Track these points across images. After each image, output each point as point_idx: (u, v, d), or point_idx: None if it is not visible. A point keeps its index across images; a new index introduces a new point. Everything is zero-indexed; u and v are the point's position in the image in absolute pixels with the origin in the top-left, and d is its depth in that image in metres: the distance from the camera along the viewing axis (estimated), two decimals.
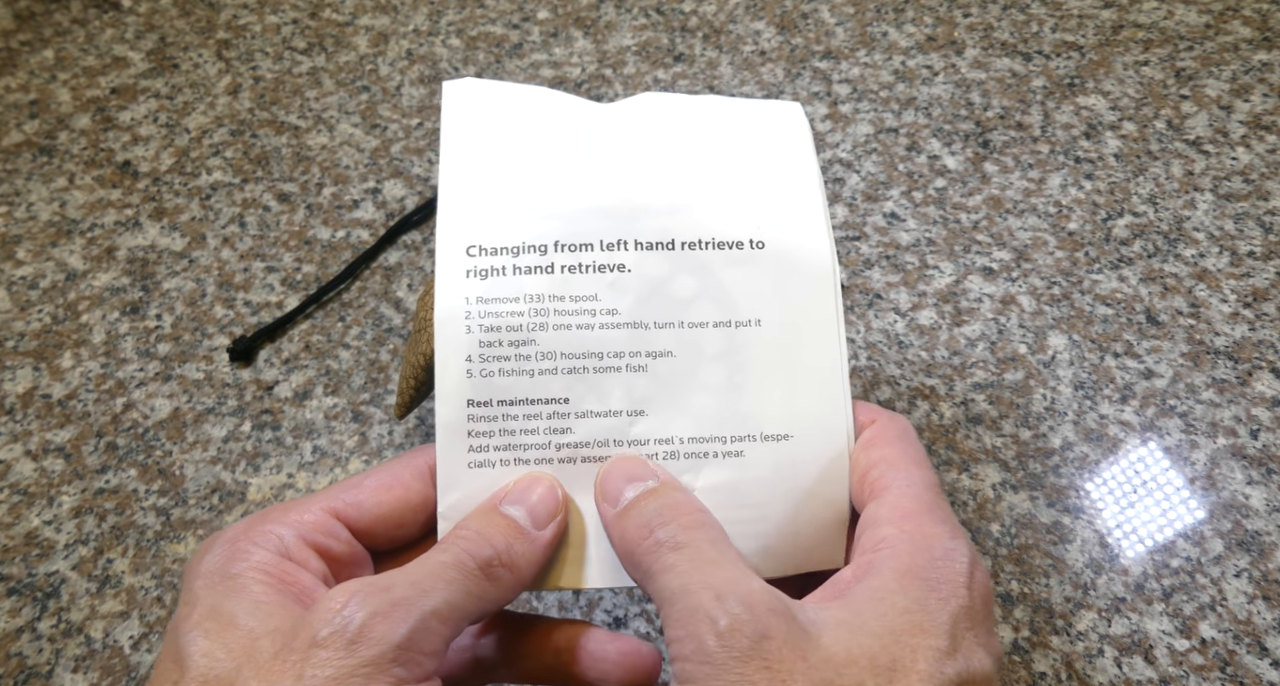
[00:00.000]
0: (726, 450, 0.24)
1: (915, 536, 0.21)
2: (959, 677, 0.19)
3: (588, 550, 0.24)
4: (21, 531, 0.38)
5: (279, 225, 0.48)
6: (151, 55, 0.56)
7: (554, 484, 0.24)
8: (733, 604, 0.19)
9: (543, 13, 0.57)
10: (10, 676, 0.35)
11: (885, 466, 0.23)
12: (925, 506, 0.22)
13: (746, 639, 0.18)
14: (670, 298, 0.25)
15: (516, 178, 0.26)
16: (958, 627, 0.20)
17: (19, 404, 0.42)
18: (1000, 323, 0.42)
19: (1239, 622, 0.34)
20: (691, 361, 0.25)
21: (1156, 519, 0.36)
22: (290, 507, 0.23)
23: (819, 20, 0.55)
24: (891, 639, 0.19)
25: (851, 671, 0.18)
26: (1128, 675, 0.33)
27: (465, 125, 0.26)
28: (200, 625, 0.20)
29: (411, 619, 0.19)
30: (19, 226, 0.48)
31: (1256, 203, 0.45)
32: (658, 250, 0.25)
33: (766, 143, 0.27)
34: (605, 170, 0.26)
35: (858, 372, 0.41)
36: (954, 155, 0.48)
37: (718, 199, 0.26)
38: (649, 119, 0.27)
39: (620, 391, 0.24)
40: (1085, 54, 0.52)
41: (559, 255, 0.25)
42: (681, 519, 0.22)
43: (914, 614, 0.19)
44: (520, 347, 0.24)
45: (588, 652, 0.24)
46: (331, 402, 0.41)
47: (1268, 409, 0.38)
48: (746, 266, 0.25)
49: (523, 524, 0.23)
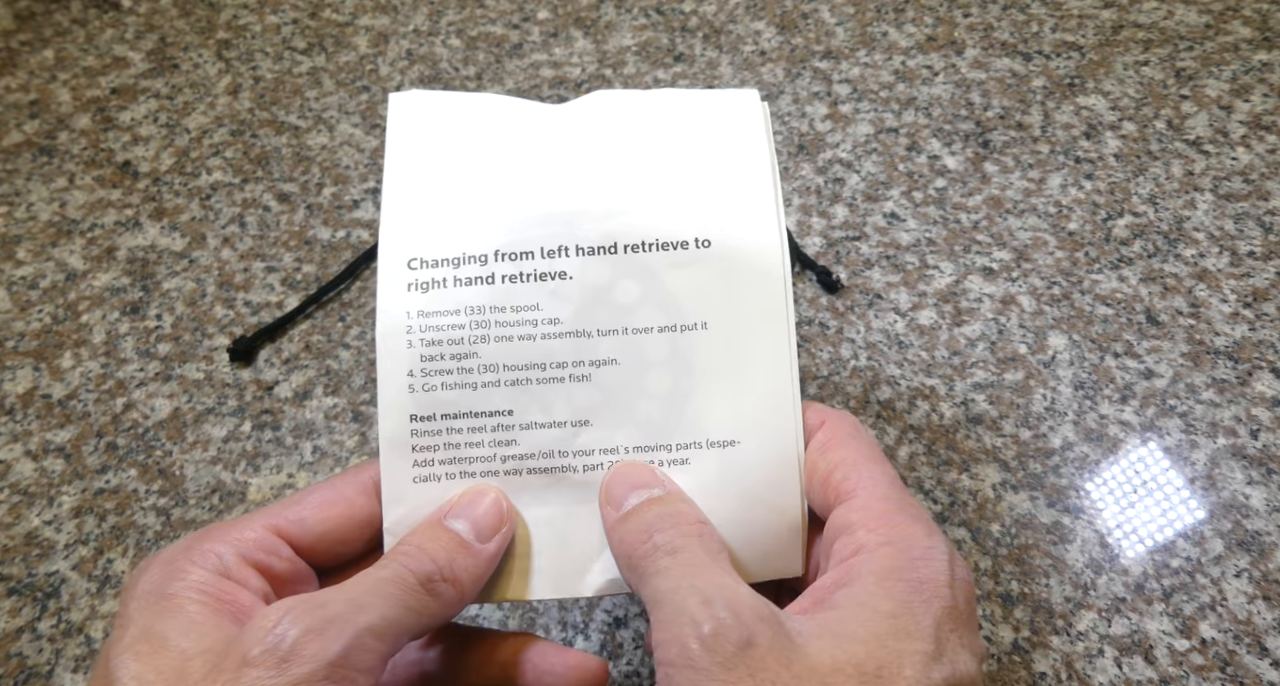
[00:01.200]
0: (672, 458, 0.24)
1: (892, 538, 0.21)
2: (945, 682, 0.19)
3: (534, 561, 0.24)
4: (21, 531, 0.38)
5: (279, 225, 0.48)
6: (151, 55, 0.56)
7: (499, 496, 0.24)
8: (719, 608, 0.19)
9: (543, 13, 0.57)
10: (10, 676, 0.35)
11: (847, 468, 0.23)
12: (896, 505, 0.21)
13: (731, 645, 0.18)
14: (613, 304, 0.24)
15: (459, 189, 0.25)
16: (942, 629, 0.19)
17: (19, 404, 0.42)
18: (1000, 323, 0.42)
19: (1239, 622, 0.34)
20: (636, 368, 0.24)
21: (1156, 519, 0.36)
22: (230, 526, 0.23)
23: (819, 20, 0.55)
24: (877, 644, 0.19)
25: (837, 679, 0.18)
26: (1128, 675, 0.33)
27: (410, 137, 0.26)
28: (131, 648, 0.19)
29: (345, 636, 0.19)
30: (19, 226, 0.48)
31: (1256, 203, 0.45)
32: (600, 255, 0.24)
33: (717, 135, 0.26)
34: (550, 176, 0.26)
35: (858, 373, 0.41)
36: (954, 155, 0.48)
37: (663, 198, 0.25)
38: (598, 119, 0.27)
39: (564, 402, 0.24)
40: (1085, 54, 0.52)
41: (500, 265, 0.24)
42: (682, 526, 0.22)
43: (899, 618, 0.19)
44: (462, 361, 0.24)
45: (533, 666, 0.24)
46: (331, 402, 0.41)
47: (1268, 409, 0.38)
48: (692, 267, 0.24)
49: (466, 537, 0.23)
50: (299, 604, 0.19)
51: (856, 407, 0.40)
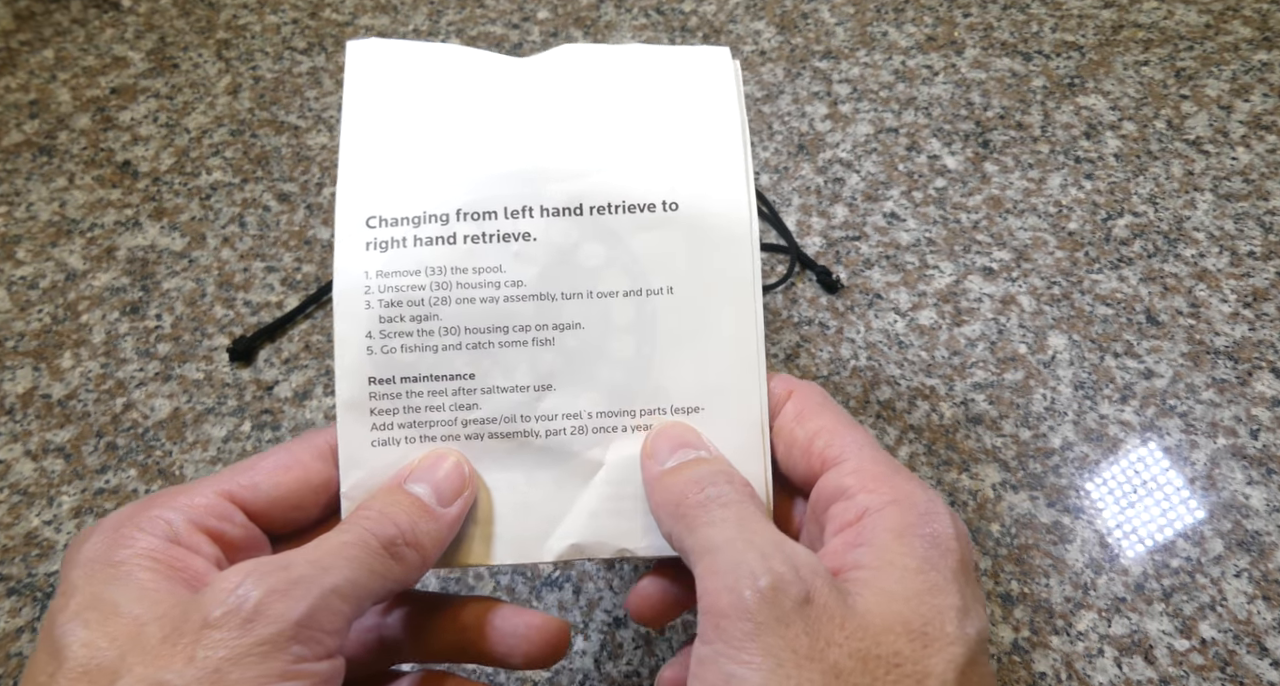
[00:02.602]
0: (636, 424, 0.24)
1: (896, 496, 0.21)
2: (978, 635, 0.19)
3: (495, 527, 0.24)
4: (21, 531, 0.38)
5: (279, 225, 0.48)
6: (151, 55, 0.56)
7: (460, 460, 0.24)
8: (778, 562, 0.19)
9: (543, 13, 0.57)
10: (10, 676, 0.35)
11: (829, 435, 0.23)
12: (889, 467, 0.21)
13: (790, 600, 0.18)
14: (578, 267, 0.24)
15: (421, 144, 0.25)
16: (960, 582, 0.19)
17: (19, 404, 0.42)
18: (1000, 323, 0.42)
19: (1239, 622, 0.34)
20: (600, 333, 0.24)
21: (1156, 519, 0.36)
22: (179, 491, 0.22)
23: (819, 20, 0.55)
24: (918, 601, 0.19)
25: (888, 638, 0.18)
26: (1128, 675, 0.33)
27: (368, 89, 0.25)
28: (79, 615, 0.19)
29: (311, 596, 0.19)
30: (19, 226, 0.48)
31: (1256, 203, 0.45)
32: (565, 216, 0.24)
33: (687, 94, 0.25)
34: (515, 132, 0.25)
35: (858, 372, 0.41)
36: (954, 155, 0.48)
37: (630, 158, 0.24)
38: (566, 74, 0.26)
39: (526, 366, 0.24)
40: (1085, 54, 0.52)
41: (461, 224, 0.24)
42: (736, 485, 0.22)
43: (926, 573, 0.19)
44: (422, 323, 0.24)
45: (494, 628, 0.24)
46: (331, 403, 0.41)
47: (1268, 409, 0.38)
48: (658, 230, 0.24)
49: (427, 501, 0.22)
50: (260, 565, 0.19)
51: (856, 407, 0.40)
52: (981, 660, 0.19)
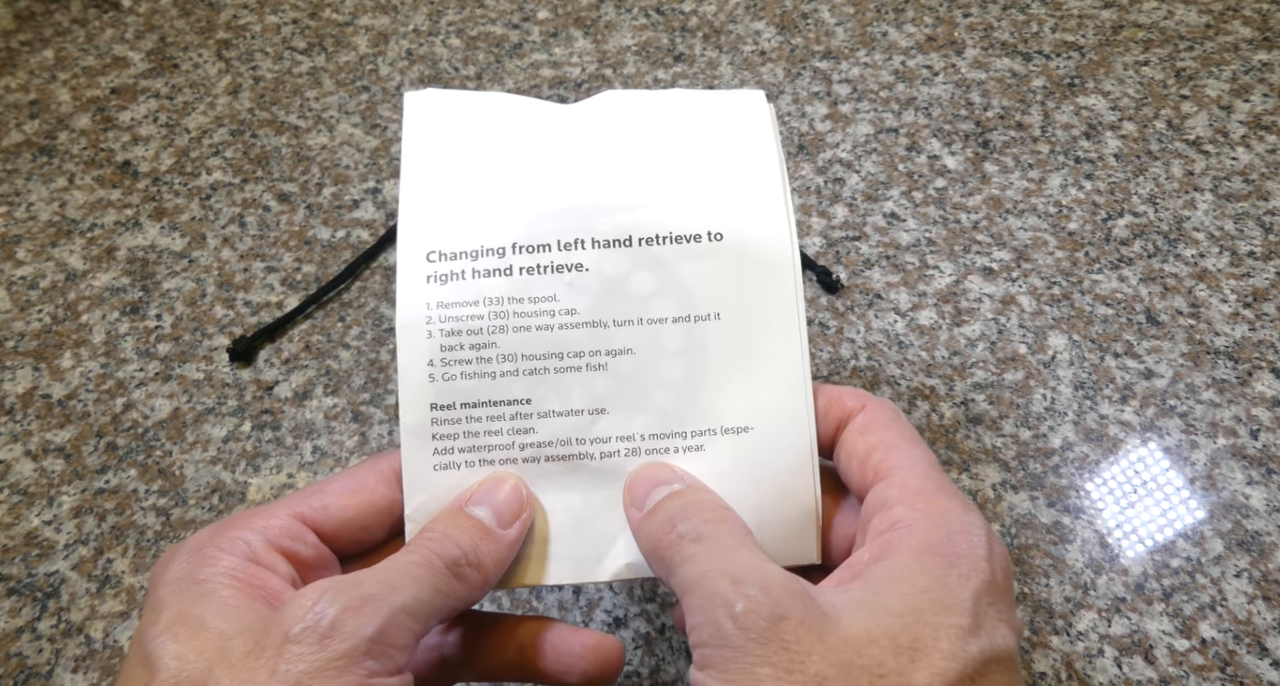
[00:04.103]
0: (687, 444, 0.24)
1: (930, 513, 0.21)
2: (982, 656, 0.19)
3: (551, 547, 0.25)
4: (21, 531, 0.38)
5: (279, 225, 0.48)
6: (151, 55, 0.56)
7: (518, 483, 0.24)
8: (749, 587, 0.19)
9: (543, 12, 0.57)
10: (10, 676, 0.35)
11: (886, 449, 0.23)
12: (935, 485, 0.22)
13: (763, 620, 0.18)
14: (629, 295, 0.25)
15: (476, 184, 0.26)
16: (980, 604, 0.19)
17: (19, 404, 0.42)
18: (1000, 322, 0.42)
19: (1239, 622, 0.34)
20: (651, 358, 0.25)
21: (1156, 519, 0.36)
22: (256, 513, 0.23)
23: (819, 20, 0.55)
24: (913, 618, 0.19)
25: (871, 651, 0.18)
26: (1128, 675, 0.33)
27: (426, 135, 0.27)
28: (169, 630, 0.20)
29: (382, 613, 0.19)
30: (19, 226, 0.48)
31: (1256, 203, 0.45)
32: (615, 248, 0.25)
33: (726, 133, 0.27)
34: (563, 171, 0.26)
35: (858, 373, 0.41)
36: (954, 155, 0.48)
37: (675, 193, 0.26)
38: (609, 117, 0.27)
39: (581, 390, 0.25)
40: (1085, 54, 0.52)
41: (517, 257, 0.25)
42: (704, 513, 0.22)
43: (935, 591, 0.19)
44: (481, 350, 0.25)
45: (552, 647, 0.24)
46: (331, 403, 0.41)
47: (1268, 409, 0.38)
48: (705, 259, 0.25)
49: (488, 524, 0.23)
50: (335, 584, 0.20)
51: None
52: (991, 680, 0.19)
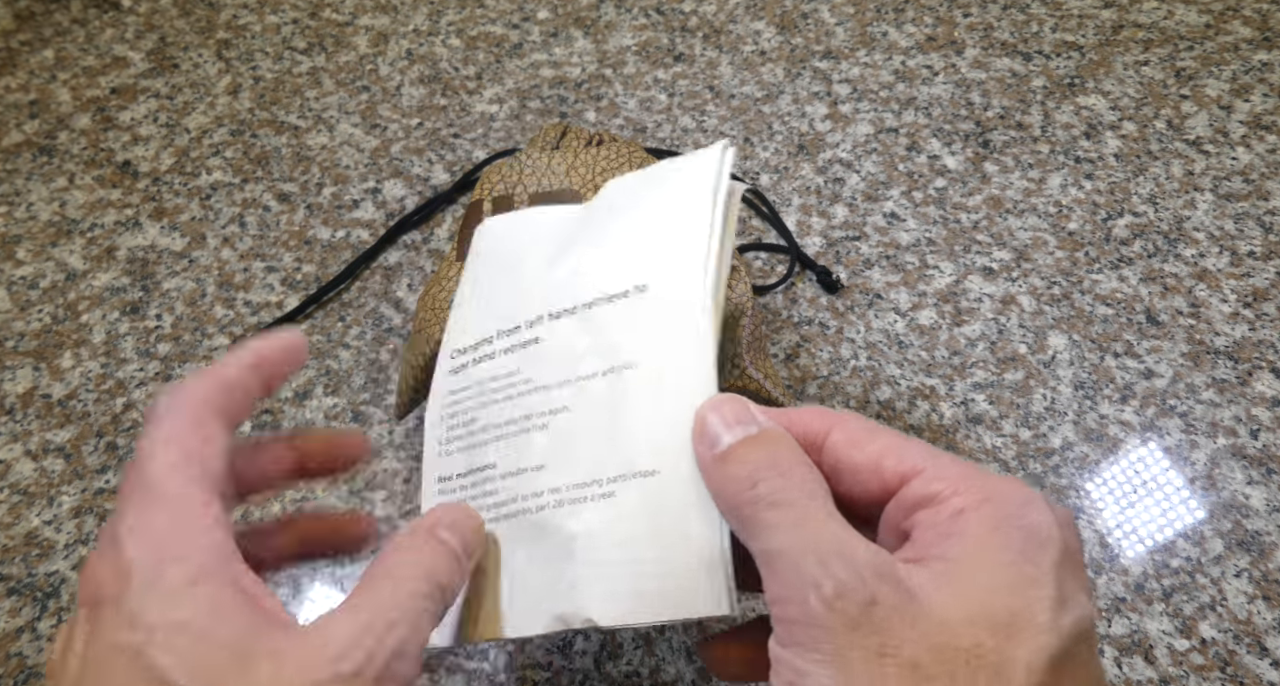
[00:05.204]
0: (602, 491, 0.24)
1: (989, 494, 0.20)
2: (1075, 626, 0.18)
3: (502, 603, 0.25)
4: (21, 531, 0.38)
5: (279, 225, 0.48)
6: (151, 55, 0.56)
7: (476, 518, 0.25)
8: (837, 567, 0.18)
9: (543, 12, 0.57)
10: (10, 676, 0.35)
11: (895, 452, 0.22)
12: (974, 470, 0.21)
13: (855, 606, 0.18)
14: (569, 356, 0.26)
15: (491, 287, 0.30)
16: (1062, 573, 0.19)
17: (19, 404, 0.42)
18: (1000, 322, 0.42)
19: (1239, 622, 0.34)
20: (584, 412, 0.25)
21: (1156, 519, 0.36)
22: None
23: (819, 20, 0.55)
24: (1006, 593, 0.18)
25: (969, 631, 0.18)
26: (1128, 675, 0.33)
27: (477, 258, 0.32)
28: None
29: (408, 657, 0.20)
30: (19, 226, 0.48)
31: (1256, 203, 0.45)
32: (563, 317, 0.27)
33: (672, 192, 0.27)
34: (544, 261, 0.29)
35: (858, 372, 0.41)
36: (954, 155, 0.48)
37: (615, 256, 0.27)
38: (597, 204, 0.30)
39: (528, 450, 0.26)
40: (1085, 54, 0.52)
41: (499, 341, 0.28)
42: (785, 473, 0.21)
43: (1020, 565, 0.19)
44: (469, 425, 0.28)
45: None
46: (331, 402, 0.41)
47: (1268, 409, 0.38)
48: (629, 311, 0.26)
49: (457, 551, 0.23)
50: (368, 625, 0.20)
51: (857, 407, 0.40)
52: (1081, 653, 0.18)
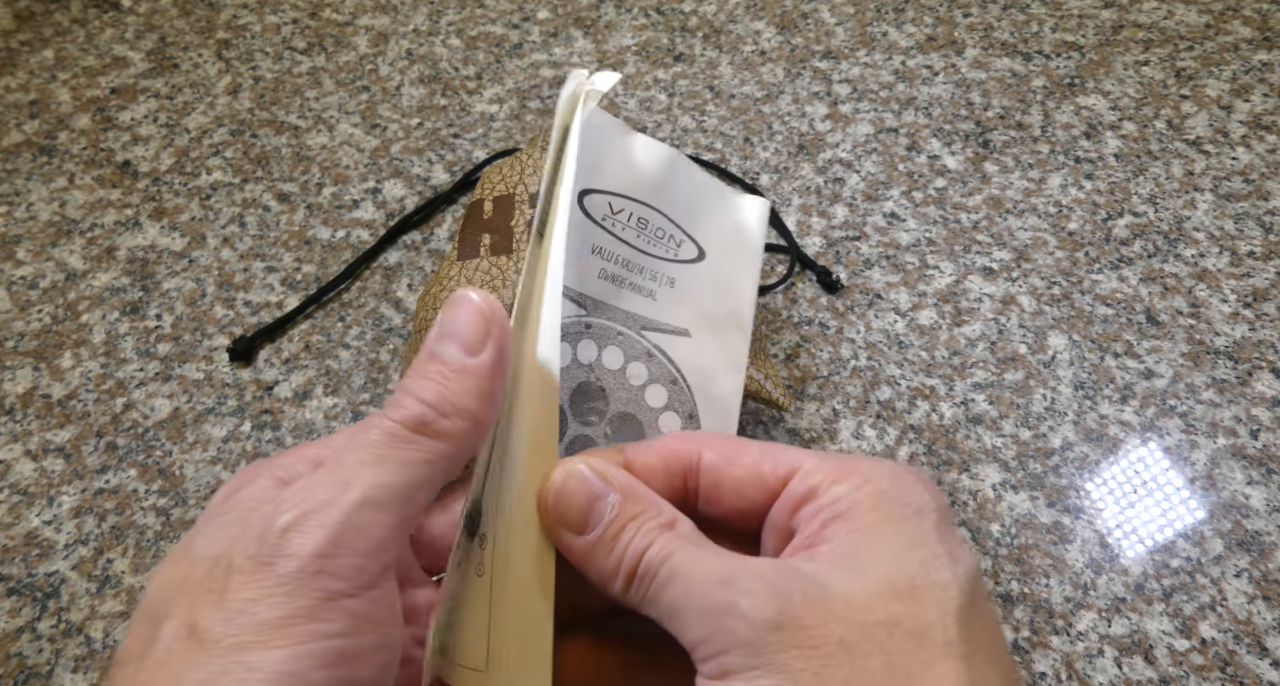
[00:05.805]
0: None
1: (868, 476, 0.20)
2: (969, 574, 0.19)
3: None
4: (21, 531, 0.38)
5: (279, 225, 0.48)
6: (151, 55, 0.56)
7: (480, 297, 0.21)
8: (743, 581, 0.18)
9: (543, 13, 0.57)
10: (10, 676, 0.35)
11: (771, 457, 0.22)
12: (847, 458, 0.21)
13: (773, 609, 0.18)
14: None
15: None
16: (943, 533, 0.20)
17: (19, 404, 0.42)
18: (1000, 323, 0.42)
19: (1239, 622, 0.34)
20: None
21: (1156, 519, 0.36)
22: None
23: (819, 20, 0.55)
24: (898, 562, 0.19)
25: (878, 604, 0.18)
26: (1128, 675, 0.33)
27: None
28: (168, 559, 0.20)
29: (328, 523, 0.18)
30: (19, 226, 0.48)
31: (1256, 203, 0.45)
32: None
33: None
34: None
35: (858, 372, 0.41)
36: (954, 155, 0.48)
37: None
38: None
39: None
40: (1085, 54, 0.52)
41: None
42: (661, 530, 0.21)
43: (904, 533, 0.19)
44: None
45: None
46: (331, 402, 0.41)
47: (1268, 409, 0.38)
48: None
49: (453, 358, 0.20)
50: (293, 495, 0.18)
51: (856, 407, 0.40)
52: (978, 598, 0.19)
